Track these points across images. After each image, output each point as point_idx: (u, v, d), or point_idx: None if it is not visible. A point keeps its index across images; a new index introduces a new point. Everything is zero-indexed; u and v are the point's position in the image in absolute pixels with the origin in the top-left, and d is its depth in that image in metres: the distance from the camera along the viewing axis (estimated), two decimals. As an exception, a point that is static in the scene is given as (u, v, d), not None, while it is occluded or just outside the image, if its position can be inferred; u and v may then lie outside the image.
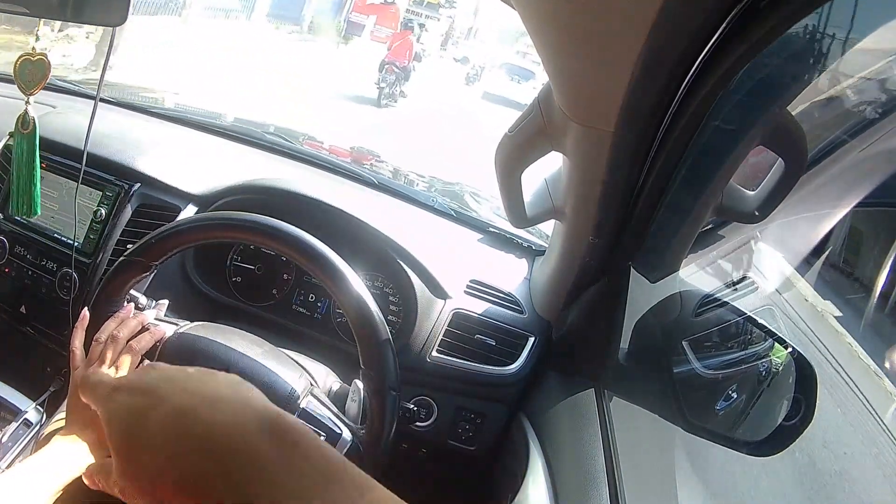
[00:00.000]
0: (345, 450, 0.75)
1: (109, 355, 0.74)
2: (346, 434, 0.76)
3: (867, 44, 0.63)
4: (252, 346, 0.80)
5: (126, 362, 0.74)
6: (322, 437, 0.74)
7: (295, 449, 0.34)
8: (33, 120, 0.73)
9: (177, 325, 0.81)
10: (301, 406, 0.76)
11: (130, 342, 0.75)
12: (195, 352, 0.77)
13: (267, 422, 0.35)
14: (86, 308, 0.78)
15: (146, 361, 0.76)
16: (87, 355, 0.76)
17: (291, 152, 1.37)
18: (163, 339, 0.79)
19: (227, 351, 0.77)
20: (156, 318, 0.82)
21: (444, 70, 16.12)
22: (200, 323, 0.83)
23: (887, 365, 0.82)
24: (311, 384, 0.81)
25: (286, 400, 0.75)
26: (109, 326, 0.77)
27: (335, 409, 0.79)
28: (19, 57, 0.69)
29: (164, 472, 0.33)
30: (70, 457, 0.65)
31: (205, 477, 0.32)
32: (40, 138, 1.14)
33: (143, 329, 0.79)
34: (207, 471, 0.32)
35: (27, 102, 0.71)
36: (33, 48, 0.69)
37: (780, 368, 0.79)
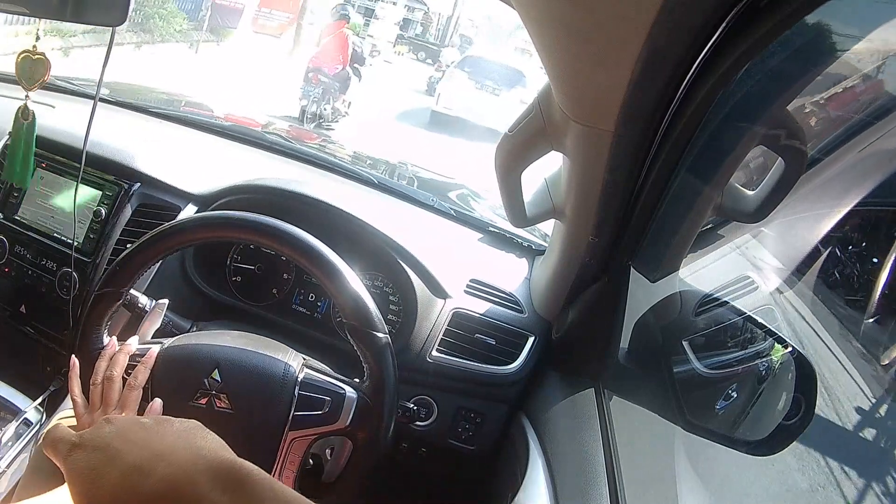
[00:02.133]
0: (353, 406, 0.75)
1: (113, 396, 0.73)
2: (350, 391, 0.76)
3: (867, 44, 0.63)
4: (237, 339, 0.80)
5: (131, 400, 0.73)
6: (328, 402, 0.75)
7: (248, 499, 0.36)
8: (32, 112, 0.77)
9: (161, 342, 0.80)
10: (299, 379, 0.76)
11: (129, 380, 0.74)
12: (185, 359, 0.77)
13: (218, 473, 0.37)
14: (73, 356, 0.77)
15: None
16: (87, 400, 0.75)
17: (291, 152, 1.37)
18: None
19: (213, 350, 0.77)
20: (140, 343, 0.80)
21: (401, 73, 11.62)
22: (183, 334, 0.83)
23: (886, 363, 0.82)
24: (305, 357, 0.80)
25: (283, 377, 0.75)
26: (101, 368, 0.76)
27: (332, 372, 0.79)
28: (20, 53, 0.70)
29: None
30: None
31: None
32: (41, 138, 1.16)
33: (134, 356, 0.77)
34: None
35: (27, 97, 0.73)
36: (34, 46, 0.70)
37: (780, 368, 0.79)
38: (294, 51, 9.95)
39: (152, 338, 0.84)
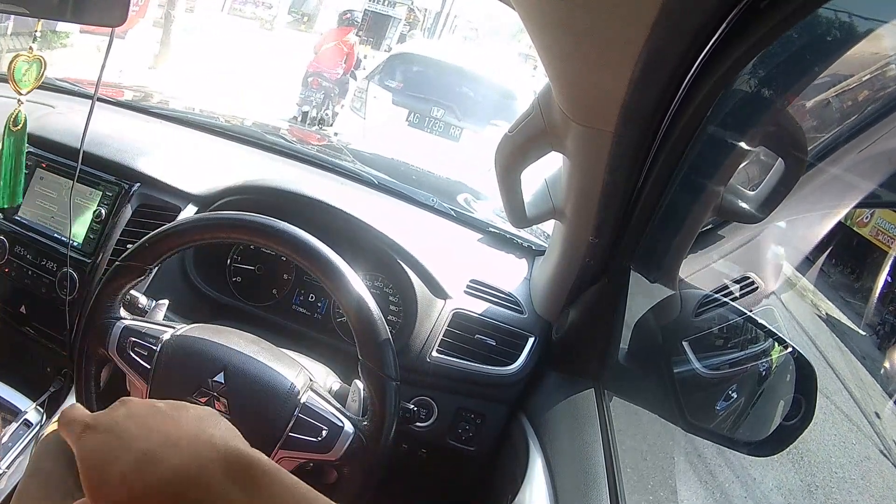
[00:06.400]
0: (348, 442, 0.75)
1: None
2: (349, 426, 0.76)
3: (867, 44, 0.63)
4: (249, 345, 0.80)
5: None
6: (325, 431, 0.74)
7: (259, 492, 0.35)
8: (25, 118, 0.75)
9: (173, 327, 0.80)
10: (301, 401, 0.76)
11: None
12: (193, 354, 0.77)
13: (230, 464, 0.36)
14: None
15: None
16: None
17: (291, 152, 1.37)
18: (160, 341, 0.78)
19: (224, 351, 0.77)
20: (152, 323, 0.81)
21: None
22: (197, 325, 0.83)
23: (887, 364, 0.82)
24: (311, 379, 0.80)
25: (286, 396, 0.75)
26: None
27: (336, 403, 0.79)
28: (15, 57, 0.69)
29: None
30: None
31: None
32: (40, 138, 1.15)
33: (145, 336, 0.77)
34: None
35: (20, 102, 0.73)
36: (30, 48, 0.70)
37: (780, 368, 0.79)
38: (163, 56, 7.03)
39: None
